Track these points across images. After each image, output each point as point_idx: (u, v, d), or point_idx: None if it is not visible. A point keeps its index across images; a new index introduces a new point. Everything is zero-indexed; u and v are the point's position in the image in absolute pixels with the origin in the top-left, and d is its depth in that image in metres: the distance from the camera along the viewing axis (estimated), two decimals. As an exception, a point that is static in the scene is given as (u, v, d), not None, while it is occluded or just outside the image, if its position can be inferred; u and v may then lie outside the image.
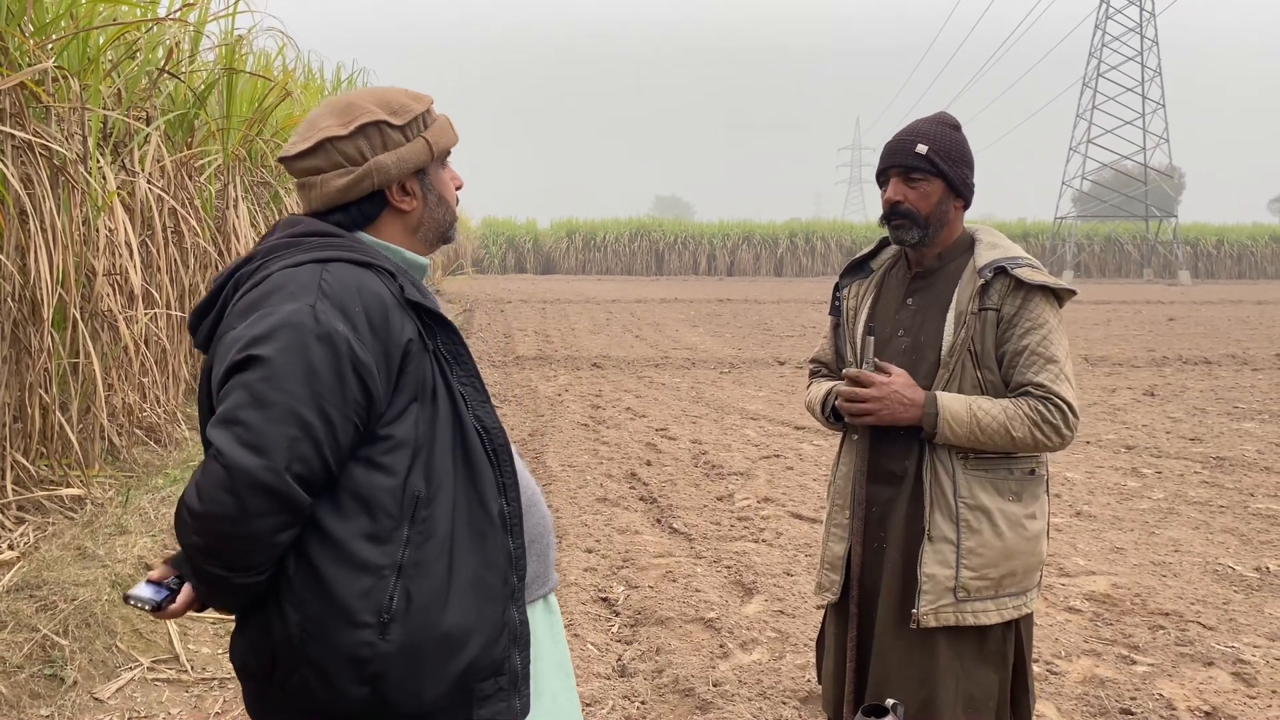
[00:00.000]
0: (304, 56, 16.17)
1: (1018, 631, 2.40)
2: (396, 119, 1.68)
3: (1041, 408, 2.27)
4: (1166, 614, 4.31)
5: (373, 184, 1.67)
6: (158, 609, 1.66)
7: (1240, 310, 25.23)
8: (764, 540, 5.30)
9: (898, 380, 2.32)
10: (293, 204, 10.42)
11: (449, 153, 1.79)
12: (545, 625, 1.84)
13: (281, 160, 1.73)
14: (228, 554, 1.46)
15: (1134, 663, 3.82)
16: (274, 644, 1.54)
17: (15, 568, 4.00)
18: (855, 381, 2.36)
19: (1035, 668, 3.74)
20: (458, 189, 1.83)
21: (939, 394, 2.29)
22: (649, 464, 7.10)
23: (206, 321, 1.66)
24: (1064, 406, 2.28)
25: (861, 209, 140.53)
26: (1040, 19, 55.55)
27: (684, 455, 7.41)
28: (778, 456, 7.28)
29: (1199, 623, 4.21)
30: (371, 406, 1.52)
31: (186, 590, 1.66)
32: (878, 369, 2.37)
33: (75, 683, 3.42)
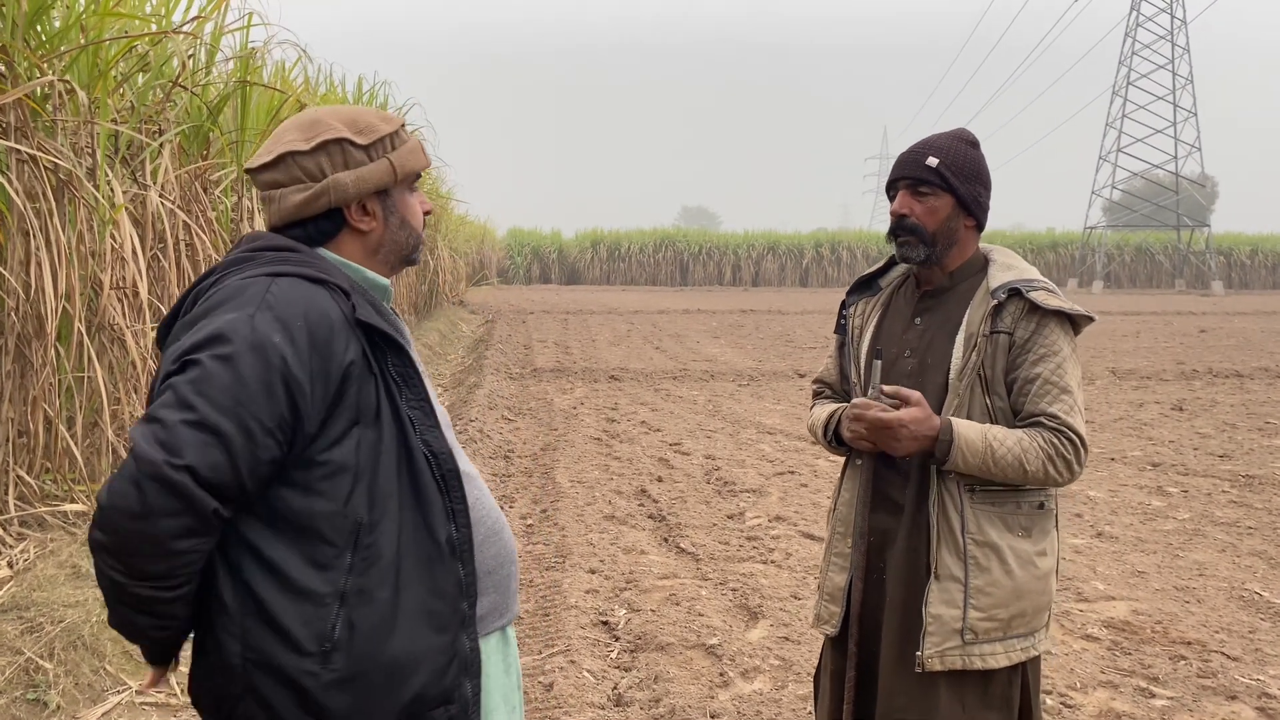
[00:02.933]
0: (325, 68, 16.27)
1: (1024, 674, 2.27)
2: (361, 138, 1.67)
3: (1056, 441, 2.15)
4: (1188, 643, 4.14)
5: (329, 201, 1.65)
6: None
7: (1275, 321, 24.77)
8: (773, 561, 5.18)
9: (908, 414, 2.16)
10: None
11: (418, 176, 1.77)
12: (499, 658, 1.81)
13: (247, 172, 1.72)
14: (127, 555, 1.42)
15: (1153, 695, 3.66)
16: (215, 675, 1.52)
17: (5, 587, 3.94)
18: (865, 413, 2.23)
19: (1049, 700, 3.60)
20: (425, 214, 1.80)
21: (954, 420, 2.17)
22: (660, 480, 6.99)
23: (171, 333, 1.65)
24: (1076, 440, 2.16)
25: (888, 219, 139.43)
26: (1069, 27, 55.06)
27: (696, 471, 7.29)
28: (792, 473, 7.14)
29: (1223, 653, 4.04)
30: (299, 425, 1.49)
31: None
32: (894, 396, 2.22)
33: (59, 707, 3.35)
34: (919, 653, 2.16)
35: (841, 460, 2.51)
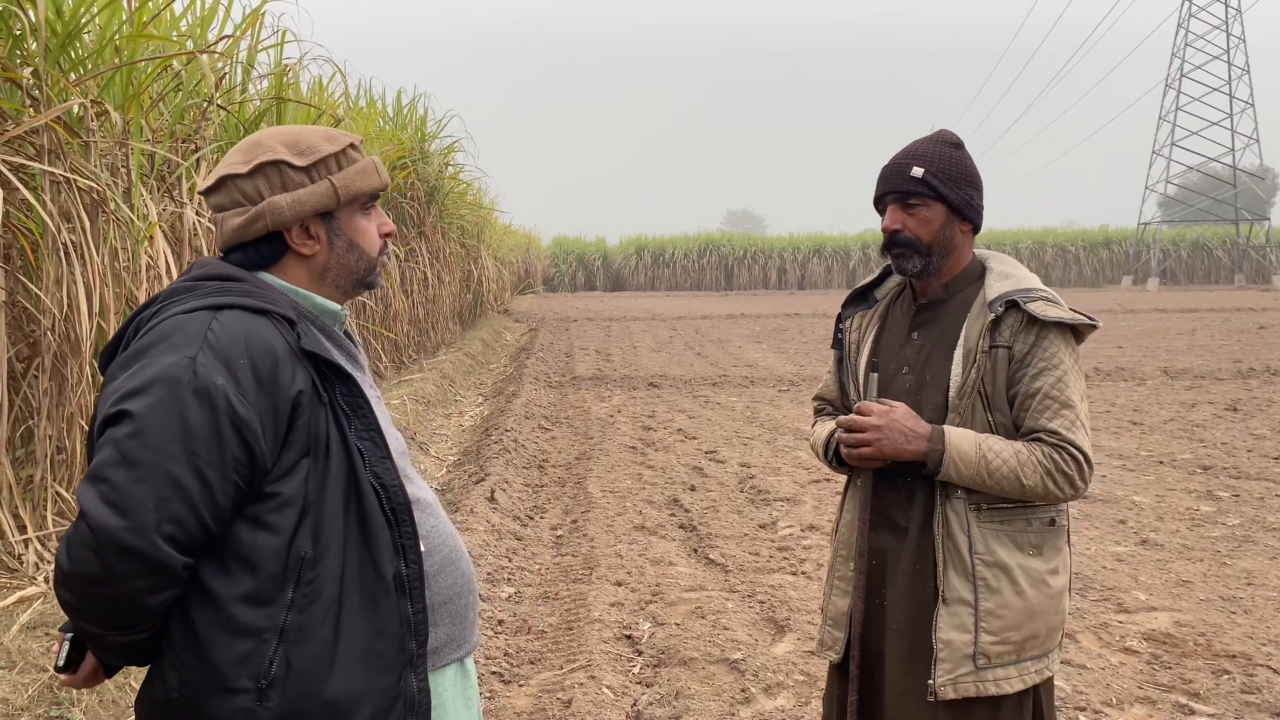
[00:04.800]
0: (365, 81, 16.45)
1: (1036, 697, 2.18)
2: (300, 159, 1.62)
3: (1056, 456, 2.06)
4: (1233, 656, 3.98)
5: (266, 225, 1.61)
6: (61, 671, 1.62)
7: (1338, 317, 24.01)
8: (803, 572, 5.09)
9: (900, 409, 2.13)
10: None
11: (371, 197, 1.72)
12: (458, 690, 1.76)
13: (200, 194, 1.70)
14: (100, 613, 1.43)
15: (1192, 713, 3.52)
16: (155, 706, 1.51)
17: (33, 605, 4.00)
18: (857, 416, 2.17)
19: (1082, 717, 3.48)
20: (385, 235, 1.75)
21: (947, 428, 2.10)
22: (693, 489, 6.92)
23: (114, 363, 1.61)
24: (1079, 457, 2.07)
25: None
26: (1119, 20, 54.02)
27: (730, 480, 7.22)
28: (828, 481, 7.03)
29: (1269, 666, 3.88)
30: (254, 464, 1.46)
31: (92, 657, 1.61)
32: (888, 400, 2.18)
33: (81, 725, 3.38)
34: (931, 681, 2.08)
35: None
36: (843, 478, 2.42)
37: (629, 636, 4.26)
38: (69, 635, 1.57)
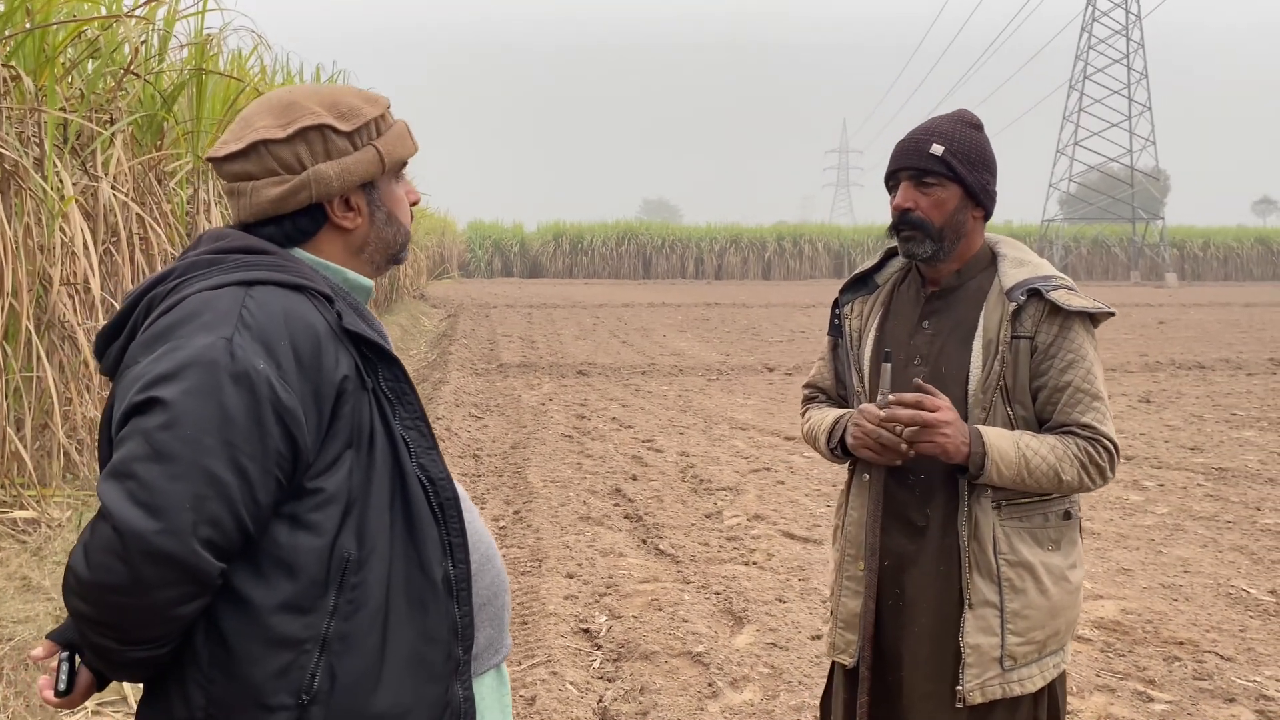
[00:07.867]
0: (282, 57, 15.90)
1: (1051, 690, 2.14)
2: (344, 124, 1.45)
3: (1091, 449, 2.02)
4: (1181, 643, 4.07)
5: (310, 196, 1.44)
6: (61, 695, 1.43)
7: (1229, 313, 25.15)
8: (754, 563, 5.05)
9: (949, 413, 1.98)
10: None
11: (404, 164, 1.56)
12: (495, 698, 1.63)
13: (209, 160, 1.48)
14: (121, 626, 1.25)
15: (1151, 700, 3.57)
16: None
17: (-52, 604, 3.71)
18: (904, 406, 1.99)
19: (1046, 706, 3.50)
20: (413, 204, 1.60)
21: (982, 428, 2.00)
22: (634, 478, 6.84)
23: (115, 346, 1.42)
24: (1111, 448, 2.03)
25: (849, 211, 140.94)
26: (1027, 21, 55.63)
27: (671, 469, 7.15)
28: (768, 470, 7.02)
29: (1216, 653, 3.97)
30: (297, 457, 1.30)
31: (84, 671, 1.42)
32: (917, 391, 2.01)
33: (7, 733, 3.14)
34: (959, 686, 2.02)
35: (828, 467, 2.33)
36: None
37: (586, 630, 4.16)
38: (65, 655, 1.39)
